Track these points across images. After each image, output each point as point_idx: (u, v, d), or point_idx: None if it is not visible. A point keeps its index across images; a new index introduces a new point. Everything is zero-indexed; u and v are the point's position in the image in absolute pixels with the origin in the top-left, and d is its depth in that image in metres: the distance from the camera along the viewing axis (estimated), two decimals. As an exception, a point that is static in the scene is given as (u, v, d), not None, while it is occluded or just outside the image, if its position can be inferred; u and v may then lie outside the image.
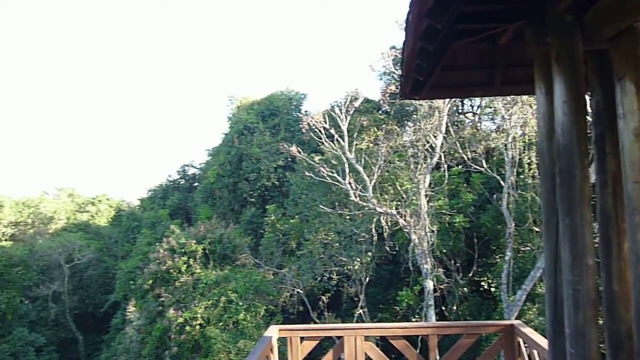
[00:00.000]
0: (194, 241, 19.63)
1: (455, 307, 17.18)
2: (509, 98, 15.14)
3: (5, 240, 34.55)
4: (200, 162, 37.02)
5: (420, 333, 7.94)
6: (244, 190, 26.05)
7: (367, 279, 18.41)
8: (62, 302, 31.47)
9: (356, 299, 18.43)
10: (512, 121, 15.76)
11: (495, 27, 2.88)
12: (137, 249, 29.08)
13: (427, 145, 17.11)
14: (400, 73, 3.73)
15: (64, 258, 31.39)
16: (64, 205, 39.72)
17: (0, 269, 29.32)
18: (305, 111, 27.54)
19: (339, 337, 6.50)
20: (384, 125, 19.15)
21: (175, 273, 19.05)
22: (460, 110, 20.31)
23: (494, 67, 3.76)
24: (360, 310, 17.74)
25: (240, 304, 17.04)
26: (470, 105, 20.55)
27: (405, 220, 16.19)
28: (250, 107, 28.27)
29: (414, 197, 16.87)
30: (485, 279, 17.59)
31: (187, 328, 16.78)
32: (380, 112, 22.40)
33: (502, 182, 15.88)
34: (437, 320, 15.85)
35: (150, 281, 19.78)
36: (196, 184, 36.13)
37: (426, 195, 16.66)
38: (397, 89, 16.13)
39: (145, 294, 20.53)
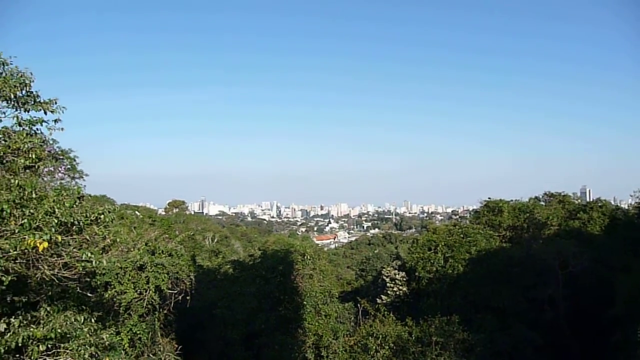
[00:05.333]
0: None
1: None
2: None
3: (505, 242, 38.16)
4: None
5: None
6: None
7: None
8: (557, 306, 31.91)
9: None
10: None
11: None
12: (640, 263, 26.22)
13: None
14: None
15: (558, 263, 31.78)
16: (555, 212, 40.37)
17: (501, 268, 32.48)
18: None
19: None
20: None
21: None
22: None
23: None
24: None
25: None
26: None
27: None
28: None
29: None
30: None
31: None
32: None
33: None
34: None
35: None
36: None
37: None
38: None
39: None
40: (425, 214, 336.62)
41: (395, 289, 37.27)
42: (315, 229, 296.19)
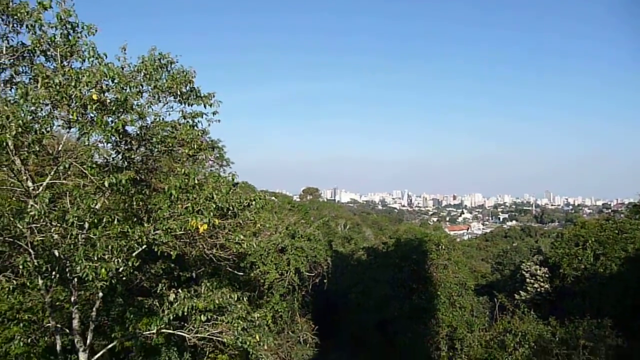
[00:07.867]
0: None
1: None
2: None
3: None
4: None
5: None
6: None
7: None
8: None
9: None
10: None
11: None
12: None
13: None
14: None
15: None
16: None
17: (667, 269, 28.73)
18: None
19: None
20: None
21: None
22: None
23: None
24: None
25: None
26: None
27: None
28: None
29: None
30: None
31: None
32: None
33: None
34: None
35: None
36: None
37: None
38: None
39: None
40: (571, 207, 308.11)
41: (535, 285, 35.01)
42: (447, 219, 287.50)
